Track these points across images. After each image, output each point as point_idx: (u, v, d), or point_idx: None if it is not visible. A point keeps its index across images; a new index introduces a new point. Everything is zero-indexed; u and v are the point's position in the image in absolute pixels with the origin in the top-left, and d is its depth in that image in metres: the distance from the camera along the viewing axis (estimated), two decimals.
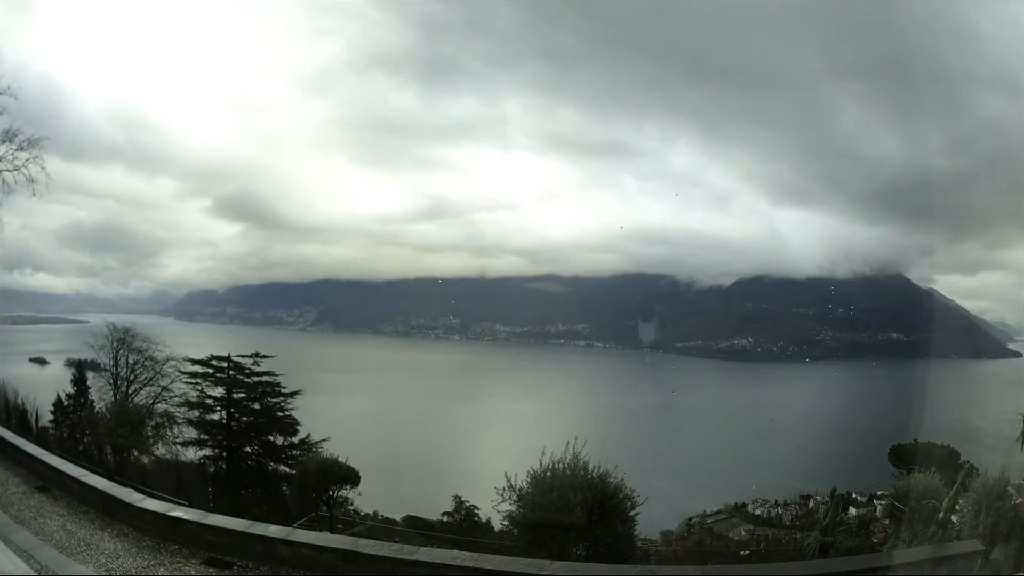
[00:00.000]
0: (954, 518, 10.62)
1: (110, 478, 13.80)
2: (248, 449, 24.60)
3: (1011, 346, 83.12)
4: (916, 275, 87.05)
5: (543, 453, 11.29)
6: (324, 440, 24.09)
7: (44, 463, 12.78)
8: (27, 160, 21.78)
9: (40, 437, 22.71)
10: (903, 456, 21.60)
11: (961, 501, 10.68)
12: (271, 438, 24.75)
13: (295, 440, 24.65)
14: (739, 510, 37.05)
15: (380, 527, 23.47)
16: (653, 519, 22.45)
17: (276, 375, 25.49)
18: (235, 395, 24.65)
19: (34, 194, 22.20)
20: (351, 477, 18.01)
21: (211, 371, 24.88)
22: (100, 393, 25.07)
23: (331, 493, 17.96)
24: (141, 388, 24.59)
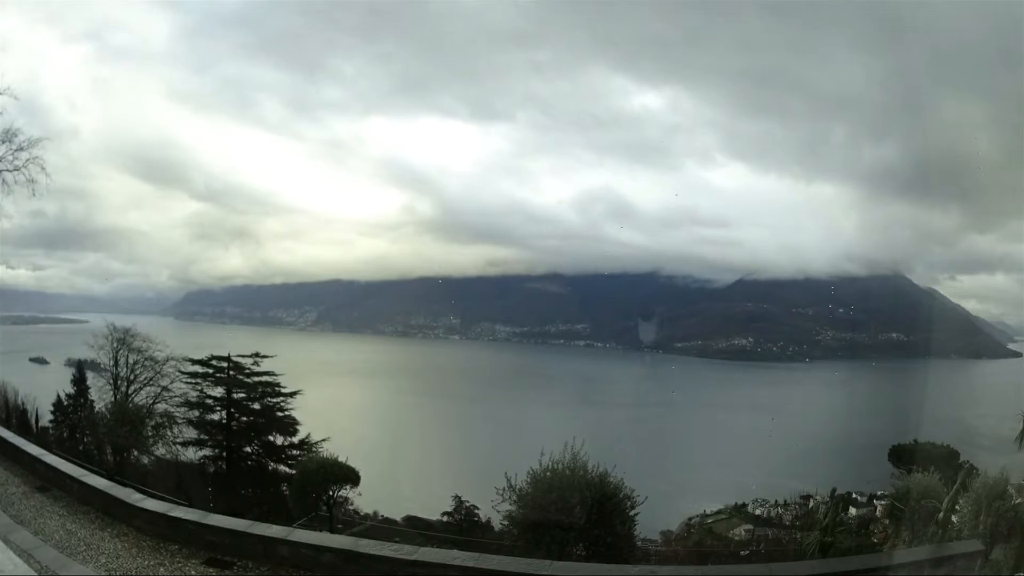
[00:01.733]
0: (954, 518, 10.61)
1: (110, 478, 13.80)
2: (248, 449, 24.58)
3: (1011, 346, 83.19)
4: (917, 274, 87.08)
5: (542, 453, 11.31)
6: (324, 440, 24.11)
7: (44, 463, 12.77)
8: (27, 160, 21.74)
9: (40, 437, 22.71)
10: (903, 456, 21.63)
11: (961, 501, 10.66)
12: (271, 438, 24.74)
13: (295, 440, 24.64)
14: (739, 510, 37.05)
15: (380, 527, 23.48)
16: (653, 519, 22.46)
17: (276, 375, 25.49)
18: (235, 395, 24.63)
19: (34, 194, 22.17)
20: (351, 477, 18.01)
21: (211, 371, 24.86)
22: (100, 393, 25.04)
23: (331, 493, 17.96)
24: (141, 388, 24.54)
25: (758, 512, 36.67)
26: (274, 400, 24.98)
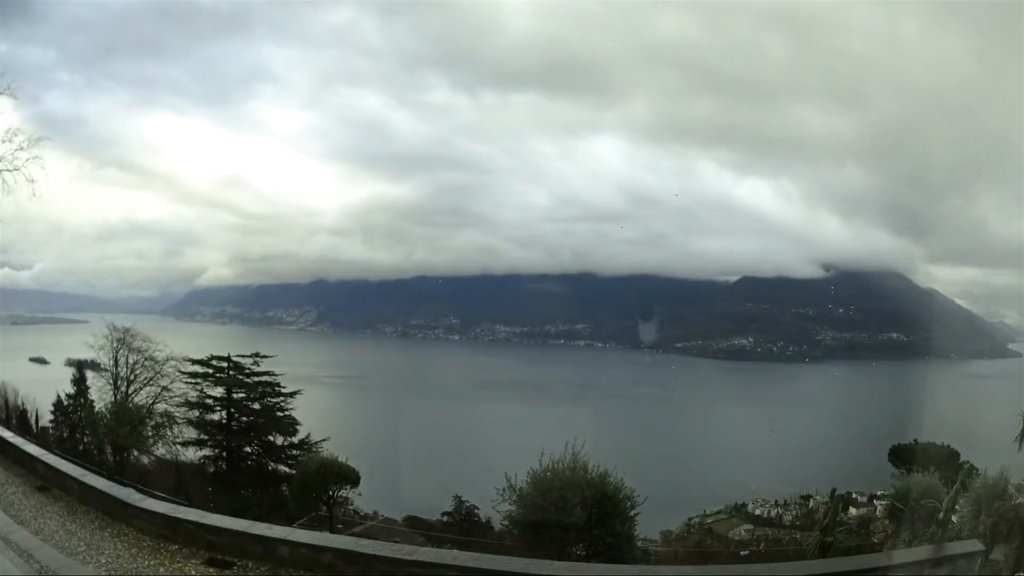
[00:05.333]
0: (954, 518, 10.62)
1: (110, 478, 13.80)
2: (248, 449, 24.59)
3: (1011, 346, 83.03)
4: (916, 272, 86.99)
5: (543, 453, 11.32)
6: (324, 440, 24.10)
7: (44, 463, 12.77)
8: (27, 160, 21.63)
9: (40, 437, 22.71)
10: (903, 456, 21.63)
11: (961, 501, 10.68)
12: (271, 438, 24.74)
13: (295, 440, 24.64)
14: (739, 510, 37.06)
15: (380, 527, 23.46)
16: (653, 519, 22.43)
17: (276, 375, 25.49)
18: (235, 395, 24.63)
19: (34, 194, 22.05)
20: (351, 477, 18.01)
21: (211, 371, 24.85)
22: (100, 393, 25.00)
23: (331, 493, 17.96)
24: (141, 388, 24.49)
25: (758, 512, 36.68)
26: (274, 400, 24.98)
